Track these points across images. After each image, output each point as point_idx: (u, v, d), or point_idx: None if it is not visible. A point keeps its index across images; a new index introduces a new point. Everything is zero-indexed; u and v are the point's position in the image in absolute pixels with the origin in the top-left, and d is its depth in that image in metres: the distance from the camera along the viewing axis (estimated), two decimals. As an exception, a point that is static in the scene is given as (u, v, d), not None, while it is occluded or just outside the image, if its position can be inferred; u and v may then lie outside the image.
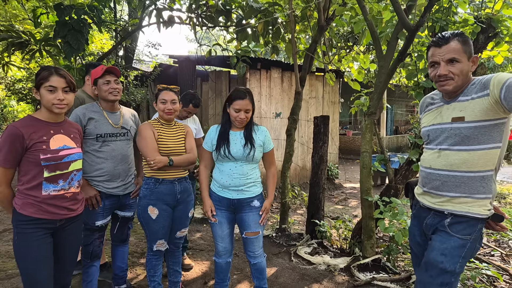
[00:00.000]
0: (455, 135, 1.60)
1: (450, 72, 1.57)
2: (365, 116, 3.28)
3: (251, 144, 2.26)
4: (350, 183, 8.50)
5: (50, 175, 1.77)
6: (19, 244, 1.76)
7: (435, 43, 1.61)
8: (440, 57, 1.59)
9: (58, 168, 1.80)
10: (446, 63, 1.58)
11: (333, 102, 8.53)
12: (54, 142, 1.80)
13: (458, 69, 1.56)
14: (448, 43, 1.56)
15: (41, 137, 1.76)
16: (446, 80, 1.59)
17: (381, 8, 3.71)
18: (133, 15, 6.78)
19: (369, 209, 3.21)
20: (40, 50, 3.58)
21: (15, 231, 1.78)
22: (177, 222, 2.49)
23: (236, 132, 2.32)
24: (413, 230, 1.86)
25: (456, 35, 1.57)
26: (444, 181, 1.64)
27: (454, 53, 1.55)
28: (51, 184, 1.79)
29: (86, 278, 2.44)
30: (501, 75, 1.48)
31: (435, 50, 1.61)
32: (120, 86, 2.39)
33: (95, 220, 2.36)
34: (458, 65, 1.56)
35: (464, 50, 1.56)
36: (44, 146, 1.76)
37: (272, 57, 5.02)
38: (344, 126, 14.69)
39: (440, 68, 1.59)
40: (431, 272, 1.62)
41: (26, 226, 1.76)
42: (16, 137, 1.70)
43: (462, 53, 1.55)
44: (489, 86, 1.49)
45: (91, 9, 3.26)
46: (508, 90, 1.41)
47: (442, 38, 1.59)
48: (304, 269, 3.28)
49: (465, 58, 1.56)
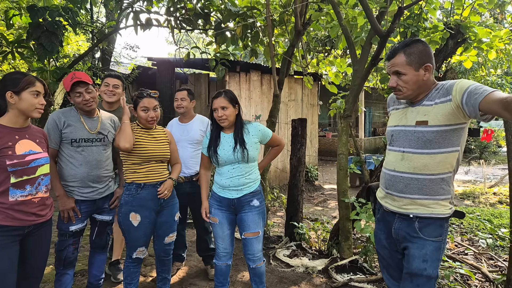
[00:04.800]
0: (418, 138, 1.65)
1: (397, 84, 1.67)
2: (341, 118, 3.34)
3: (242, 146, 2.26)
4: (329, 185, 8.62)
5: (17, 180, 1.76)
6: None
7: (387, 57, 1.72)
8: (388, 69, 1.71)
9: (25, 173, 1.79)
10: (393, 75, 1.68)
11: (312, 104, 8.64)
12: (19, 147, 1.78)
13: (404, 81, 1.65)
14: (393, 57, 1.66)
15: (6, 143, 1.74)
16: (396, 91, 1.71)
17: (355, 14, 3.79)
18: (110, 17, 6.66)
19: (346, 210, 3.26)
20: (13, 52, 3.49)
21: None
22: (163, 227, 2.44)
23: (227, 134, 2.34)
24: (379, 234, 1.88)
25: (404, 47, 1.64)
26: (407, 183, 1.68)
27: (398, 67, 1.65)
28: (18, 189, 1.77)
29: (59, 287, 2.34)
30: (463, 81, 1.54)
31: (387, 62, 1.72)
32: (94, 94, 2.34)
33: (69, 225, 2.29)
34: (404, 77, 1.65)
35: (409, 62, 1.62)
36: (10, 151, 1.74)
37: (251, 60, 5.04)
38: (323, 128, 14.88)
39: (390, 80, 1.71)
40: (417, 282, 1.64)
41: None
42: None
43: (406, 66, 1.63)
44: (451, 92, 1.55)
45: (66, 11, 3.19)
46: (469, 96, 1.46)
47: (390, 52, 1.69)
48: (282, 272, 3.29)
49: (411, 70, 1.63)
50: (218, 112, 2.27)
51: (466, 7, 3.08)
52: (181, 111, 3.06)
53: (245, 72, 6.89)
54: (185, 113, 3.07)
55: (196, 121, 3.10)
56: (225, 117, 2.26)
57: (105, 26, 4.61)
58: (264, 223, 2.48)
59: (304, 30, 4.28)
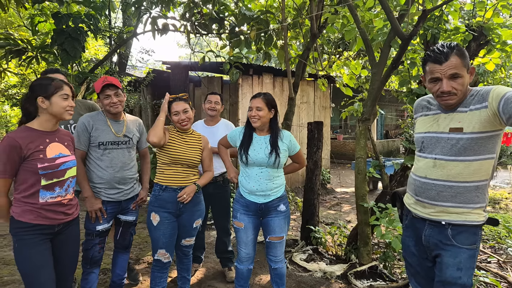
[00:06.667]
0: (452, 145, 1.60)
1: (453, 88, 1.57)
2: (359, 122, 3.30)
3: (276, 152, 2.29)
4: (342, 188, 8.55)
5: (47, 183, 1.82)
6: (19, 251, 1.79)
7: (435, 60, 1.59)
8: (441, 73, 1.57)
9: (55, 176, 1.84)
10: (448, 79, 1.57)
11: (324, 107, 8.59)
12: (50, 151, 1.84)
13: (460, 84, 1.56)
14: (448, 59, 1.55)
15: (37, 146, 1.80)
16: (449, 96, 1.59)
17: (372, 16, 3.76)
18: (127, 23, 6.76)
19: (365, 215, 3.22)
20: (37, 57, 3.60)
21: (14, 238, 1.80)
22: (180, 230, 2.49)
23: (260, 136, 2.37)
24: (407, 241, 1.84)
25: (453, 49, 1.56)
26: (440, 191, 1.64)
27: (455, 69, 1.55)
28: (47, 191, 1.83)
29: (85, 285, 2.43)
30: (500, 88, 1.50)
31: (434, 66, 1.59)
32: (122, 98, 2.44)
33: (95, 224, 2.38)
34: (460, 80, 1.56)
35: (464, 64, 1.56)
36: (41, 155, 1.79)
37: (264, 63, 5.04)
38: (334, 130, 14.80)
39: (443, 85, 1.58)
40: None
41: (26, 233, 1.79)
42: (13, 148, 1.73)
43: (462, 68, 1.55)
44: (487, 98, 1.51)
45: (89, 17, 3.27)
46: (506, 103, 1.43)
47: (441, 54, 1.57)
48: (300, 276, 3.27)
49: (465, 72, 1.57)
50: (252, 111, 2.32)
51: (488, 8, 3.02)
52: (214, 114, 3.13)
53: (257, 75, 6.90)
54: (215, 116, 3.14)
55: (221, 125, 3.15)
56: (258, 117, 2.31)
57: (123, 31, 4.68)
58: (288, 227, 2.48)
59: (320, 33, 4.26)
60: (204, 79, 7.21)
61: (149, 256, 3.72)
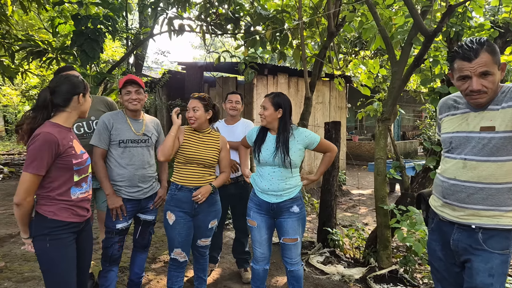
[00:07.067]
0: (483, 145, 1.53)
1: (483, 86, 1.49)
2: (379, 122, 3.22)
3: (284, 151, 2.25)
4: (358, 190, 8.41)
5: (78, 179, 1.82)
6: (53, 251, 1.73)
7: (463, 57, 1.50)
8: (471, 71, 1.49)
9: (83, 172, 1.85)
10: (478, 77, 1.49)
11: (340, 107, 8.47)
12: (76, 147, 1.83)
13: (491, 82, 1.48)
14: (478, 56, 1.47)
15: (68, 142, 1.77)
16: (479, 94, 1.51)
17: (392, 14, 3.67)
18: (144, 24, 6.86)
19: (385, 218, 3.13)
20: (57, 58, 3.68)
21: (47, 238, 1.72)
22: (196, 230, 2.48)
23: (272, 135, 2.37)
24: (433, 245, 1.76)
25: (483, 45, 1.47)
26: (471, 193, 1.56)
27: (485, 67, 1.46)
28: (77, 188, 1.82)
29: (104, 283, 2.45)
30: None
31: (463, 63, 1.51)
32: (142, 97, 2.47)
33: (116, 222, 2.40)
34: (491, 77, 1.48)
35: (494, 60, 1.47)
36: (73, 151, 1.78)
37: (279, 63, 5.00)
38: (349, 131, 14.61)
39: (472, 83, 1.50)
40: None
41: (61, 232, 1.75)
42: (52, 143, 1.68)
43: (493, 65, 1.47)
44: None
45: (107, 19, 3.32)
46: None
47: (470, 51, 1.48)
48: (317, 279, 3.21)
49: (496, 69, 1.49)
50: (260, 110, 2.36)
51: (516, 4, 2.90)
52: (235, 113, 3.13)
53: (272, 75, 6.85)
54: (235, 115, 3.15)
55: (240, 124, 3.14)
56: (264, 116, 2.32)
57: (140, 32, 4.74)
58: (304, 229, 2.42)
59: (337, 31, 4.19)
60: (219, 80, 7.21)
61: (166, 255, 3.72)
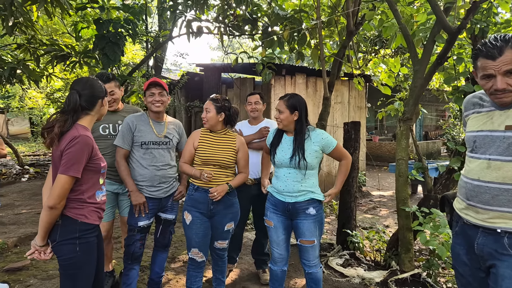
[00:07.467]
0: (508, 144, 1.46)
1: (508, 85, 1.42)
2: (400, 121, 3.15)
3: (300, 154, 2.23)
4: (378, 191, 8.24)
5: (103, 181, 1.84)
6: (82, 255, 1.71)
7: (487, 55, 1.44)
8: (495, 69, 1.43)
9: (105, 175, 1.88)
10: (502, 76, 1.42)
11: (359, 107, 8.34)
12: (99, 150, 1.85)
13: None
14: (502, 53, 1.40)
15: (95, 145, 1.79)
16: (504, 93, 1.45)
17: (414, 11, 3.58)
18: (163, 27, 6.99)
19: (407, 220, 3.05)
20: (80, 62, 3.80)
21: (77, 241, 1.69)
22: (213, 231, 2.49)
23: (288, 137, 2.36)
24: (458, 249, 1.69)
25: (508, 42, 1.41)
26: (495, 194, 1.49)
27: (511, 65, 1.40)
28: (99, 190, 1.84)
29: (126, 281, 2.50)
30: None
31: (487, 61, 1.45)
32: (165, 99, 2.54)
33: (138, 220, 2.46)
34: None
35: None
36: (100, 154, 1.80)
37: (297, 63, 4.97)
38: (369, 131, 14.35)
39: (497, 82, 1.44)
40: None
41: (90, 235, 1.75)
42: (90, 146, 1.70)
43: None
44: None
45: (128, 22, 3.40)
46: None
47: (494, 48, 1.42)
48: (337, 282, 3.16)
49: None
50: (276, 113, 2.34)
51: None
52: (256, 114, 3.11)
53: (290, 75, 6.82)
54: (257, 116, 3.14)
55: (263, 124, 3.12)
56: (280, 120, 2.32)
57: (159, 35, 4.82)
58: (322, 232, 2.39)
59: (357, 30, 4.13)
60: (237, 81, 7.25)
61: (184, 254, 3.77)
